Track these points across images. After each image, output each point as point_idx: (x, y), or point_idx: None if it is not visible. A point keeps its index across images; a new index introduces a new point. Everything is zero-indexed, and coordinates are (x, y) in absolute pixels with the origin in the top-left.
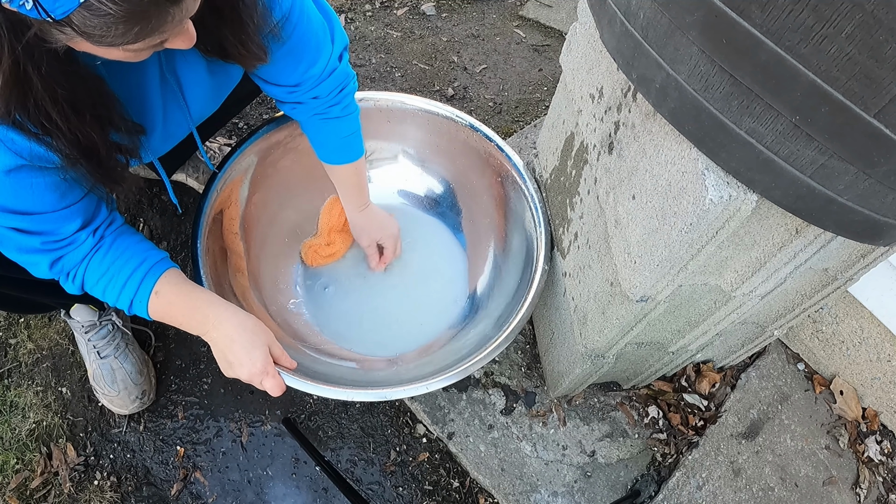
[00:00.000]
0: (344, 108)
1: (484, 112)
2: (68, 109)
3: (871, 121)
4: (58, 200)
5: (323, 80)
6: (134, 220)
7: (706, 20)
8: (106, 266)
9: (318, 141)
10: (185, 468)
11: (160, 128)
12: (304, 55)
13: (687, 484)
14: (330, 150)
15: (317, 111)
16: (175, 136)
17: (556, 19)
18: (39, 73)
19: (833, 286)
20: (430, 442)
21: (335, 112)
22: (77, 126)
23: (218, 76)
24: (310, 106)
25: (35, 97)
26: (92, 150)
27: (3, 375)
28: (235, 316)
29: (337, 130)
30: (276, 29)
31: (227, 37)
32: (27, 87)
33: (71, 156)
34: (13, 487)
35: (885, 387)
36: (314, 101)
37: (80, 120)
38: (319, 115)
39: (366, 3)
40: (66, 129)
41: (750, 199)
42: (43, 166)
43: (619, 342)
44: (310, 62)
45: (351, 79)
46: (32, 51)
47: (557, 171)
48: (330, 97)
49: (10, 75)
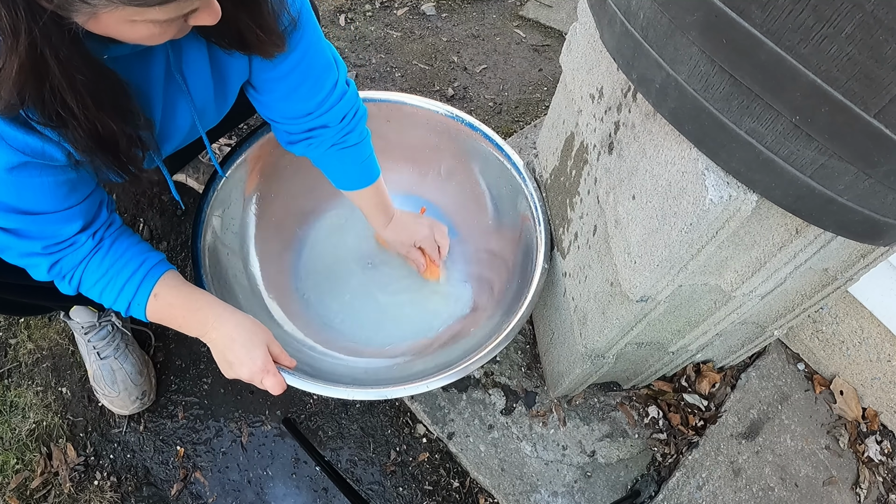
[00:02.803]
0: (360, 133)
1: (484, 112)
2: (87, 97)
3: (871, 121)
4: (61, 200)
5: (334, 106)
6: (134, 220)
7: (706, 20)
8: (104, 269)
9: (335, 171)
10: (185, 468)
11: (158, 129)
12: (312, 70)
13: (687, 484)
14: (349, 179)
15: (334, 141)
16: (177, 137)
17: (556, 19)
18: (57, 57)
19: (833, 286)
20: (430, 442)
21: (352, 139)
22: (96, 115)
23: (221, 83)
24: (325, 137)
25: (52, 83)
26: (110, 142)
27: (3, 375)
28: (234, 316)
29: (355, 157)
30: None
31: (245, 21)
32: (44, 72)
33: (87, 147)
34: (13, 487)
35: (885, 387)
36: (327, 131)
37: (98, 108)
38: (337, 146)
39: (366, 3)
40: (83, 118)
41: (750, 199)
42: (47, 164)
43: (619, 342)
44: (317, 79)
45: (360, 102)
46: (50, 33)
47: (557, 171)
48: (344, 123)
49: (27, 59)
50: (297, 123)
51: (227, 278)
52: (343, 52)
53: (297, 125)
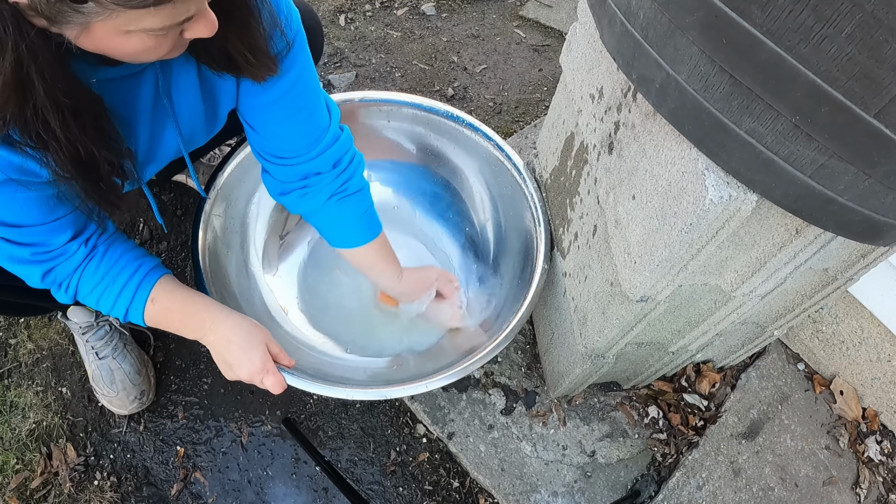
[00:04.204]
0: (359, 180)
1: (484, 112)
2: (70, 119)
3: (871, 121)
4: (46, 214)
5: (326, 149)
6: (134, 221)
7: (706, 20)
8: (100, 276)
9: (334, 227)
10: (185, 468)
11: (143, 153)
12: (303, 101)
13: (687, 484)
14: (351, 233)
15: (331, 191)
16: (162, 160)
17: (556, 19)
18: (42, 76)
19: (833, 286)
20: (430, 442)
21: (352, 187)
22: (77, 138)
23: (211, 106)
24: (320, 185)
25: (35, 103)
26: (90, 167)
27: (3, 375)
28: (231, 318)
29: (356, 208)
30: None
31: (234, 42)
32: (28, 92)
33: (66, 173)
34: (13, 487)
35: (885, 387)
36: (321, 178)
37: (81, 131)
38: (337, 196)
39: (366, 3)
40: (65, 141)
41: (750, 199)
42: (31, 181)
43: (619, 342)
44: (309, 114)
45: (355, 149)
46: (37, 50)
47: (557, 171)
48: (339, 170)
49: (12, 76)
50: (288, 167)
51: (228, 278)
52: (343, 52)
53: (289, 170)
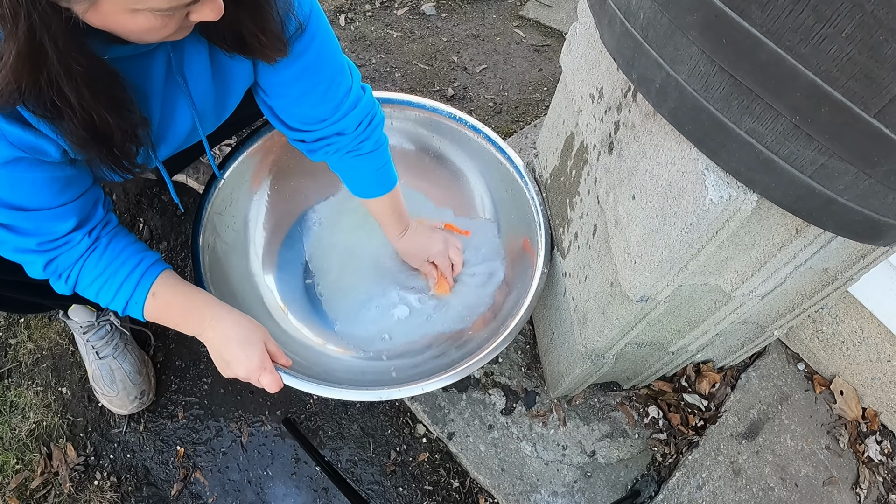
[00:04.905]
0: (375, 141)
1: (484, 112)
2: (84, 87)
3: (871, 121)
4: (54, 196)
5: (349, 112)
6: (134, 221)
7: (706, 20)
8: (101, 267)
9: (350, 178)
10: (185, 468)
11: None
12: (323, 76)
13: (687, 484)
14: (364, 186)
15: (348, 149)
16: (176, 138)
17: (556, 19)
18: (55, 45)
19: (833, 286)
20: (430, 442)
21: (367, 147)
22: (92, 105)
23: (222, 87)
24: (339, 144)
25: (49, 71)
26: (106, 134)
27: (3, 375)
28: (230, 315)
29: (370, 164)
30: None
31: (246, 23)
32: (42, 60)
33: (82, 139)
34: (13, 487)
35: (885, 387)
36: (342, 138)
37: (95, 99)
38: (352, 153)
39: (366, 3)
40: (79, 109)
41: (750, 199)
42: (41, 160)
43: (619, 342)
44: (330, 85)
45: (377, 108)
46: (49, 20)
47: (557, 171)
48: (359, 131)
49: (25, 45)
50: (311, 131)
51: (228, 278)
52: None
53: (312, 133)
